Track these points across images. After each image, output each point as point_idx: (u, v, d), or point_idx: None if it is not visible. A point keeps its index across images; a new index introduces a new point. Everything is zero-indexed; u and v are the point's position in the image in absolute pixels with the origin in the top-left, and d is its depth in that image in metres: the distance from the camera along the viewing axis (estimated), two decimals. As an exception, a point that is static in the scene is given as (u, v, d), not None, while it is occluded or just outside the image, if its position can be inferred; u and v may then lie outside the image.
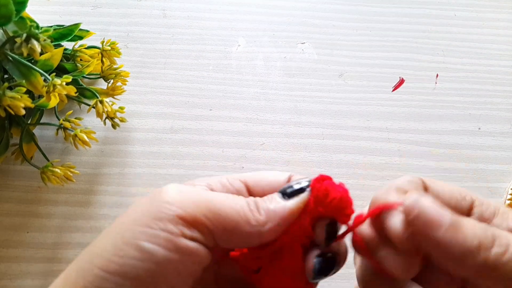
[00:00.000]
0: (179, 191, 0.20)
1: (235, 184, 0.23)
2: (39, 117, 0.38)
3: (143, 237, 0.19)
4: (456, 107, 0.44)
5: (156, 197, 0.20)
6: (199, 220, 0.19)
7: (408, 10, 0.49)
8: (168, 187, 0.21)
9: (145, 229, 0.19)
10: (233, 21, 0.47)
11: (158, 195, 0.20)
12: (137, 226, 0.19)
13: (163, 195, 0.20)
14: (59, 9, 0.46)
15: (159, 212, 0.19)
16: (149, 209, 0.20)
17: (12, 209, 0.37)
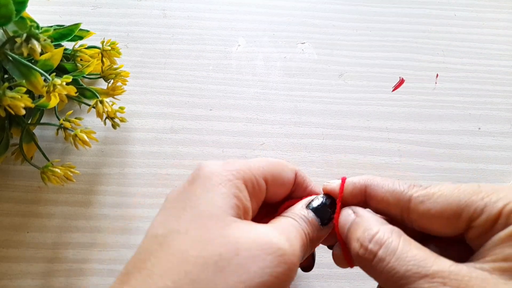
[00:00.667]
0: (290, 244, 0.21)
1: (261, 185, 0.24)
2: (39, 117, 0.38)
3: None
4: (456, 107, 0.44)
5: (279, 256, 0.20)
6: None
7: (408, 10, 0.49)
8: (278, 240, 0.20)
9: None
10: (233, 21, 0.47)
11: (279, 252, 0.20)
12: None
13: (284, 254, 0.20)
14: (59, 9, 0.46)
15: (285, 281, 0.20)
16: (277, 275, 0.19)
17: (12, 209, 0.37)
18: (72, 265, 0.35)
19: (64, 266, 0.35)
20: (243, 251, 0.19)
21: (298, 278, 0.36)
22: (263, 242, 0.20)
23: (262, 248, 0.19)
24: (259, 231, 0.20)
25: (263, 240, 0.20)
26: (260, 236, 0.20)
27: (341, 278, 0.36)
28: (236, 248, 0.19)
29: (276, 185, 0.24)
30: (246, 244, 0.19)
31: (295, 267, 0.20)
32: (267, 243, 0.20)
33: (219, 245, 0.19)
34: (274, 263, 0.19)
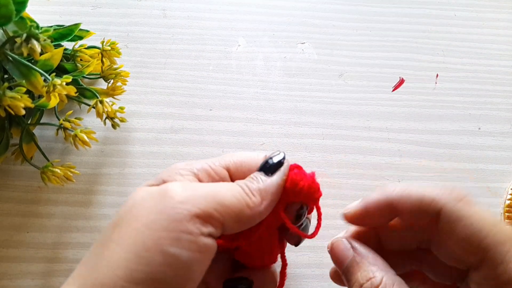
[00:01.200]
0: (185, 188, 0.20)
1: (219, 172, 0.24)
2: (39, 117, 0.38)
3: (167, 242, 0.18)
4: (456, 107, 0.44)
5: (165, 197, 0.20)
6: (212, 215, 0.20)
7: (408, 10, 0.49)
8: (174, 185, 0.21)
9: (166, 233, 0.19)
10: (233, 21, 0.47)
11: (166, 194, 0.20)
12: (156, 231, 0.19)
13: (173, 194, 0.20)
14: (59, 9, 0.46)
15: (175, 213, 0.19)
16: (162, 211, 0.19)
17: (12, 209, 0.37)
18: (72, 265, 0.35)
19: (64, 266, 0.35)
20: (137, 204, 0.20)
21: (298, 278, 0.36)
22: (155, 192, 0.21)
23: (152, 195, 0.20)
24: (159, 186, 0.21)
25: (156, 190, 0.21)
26: (156, 189, 0.21)
27: (341, 278, 0.36)
28: (132, 204, 0.21)
29: (242, 171, 0.24)
30: (141, 198, 0.21)
31: (190, 202, 0.20)
32: (158, 191, 0.21)
33: (121, 209, 0.21)
34: (159, 202, 0.20)
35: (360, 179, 0.40)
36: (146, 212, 0.20)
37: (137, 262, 0.18)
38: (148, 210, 0.20)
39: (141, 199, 0.21)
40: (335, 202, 0.38)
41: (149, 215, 0.19)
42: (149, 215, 0.19)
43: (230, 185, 0.22)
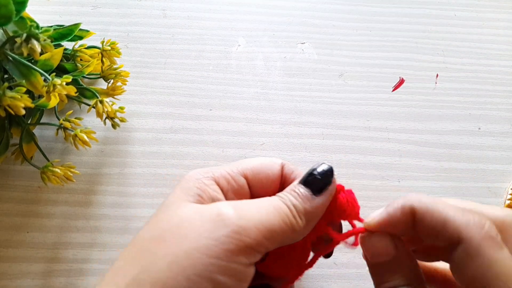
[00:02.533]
0: (238, 213, 0.20)
1: (237, 180, 0.24)
2: (39, 117, 0.38)
3: (217, 270, 0.18)
4: (456, 107, 0.44)
5: (221, 223, 0.20)
6: (263, 244, 0.20)
7: (408, 10, 0.49)
8: (226, 209, 0.20)
9: (218, 261, 0.19)
10: (233, 21, 0.47)
11: (221, 220, 0.20)
12: (209, 258, 0.19)
13: (227, 221, 0.20)
14: (59, 9, 0.46)
15: (229, 243, 0.19)
16: (217, 238, 0.19)
17: (12, 209, 0.37)
18: (72, 265, 0.35)
19: (64, 266, 0.35)
20: (185, 223, 0.20)
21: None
22: (206, 213, 0.20)
23: (203, 216, 0.20)
24: (209, 206, 0.21)
25: (206, 211, 0.21)
26: (206, 209, 0.21)
27: (341, 278, 0.36)
28: (180, 221, 0.20)
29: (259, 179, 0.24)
30: (189, 217, 0.20)
31: (243, 232, 0.19)
32: (209, 212, 0.20)
33: (165, 222, 0.21)
34: (212, 227, 0.19)
35: (360, 179, 0.40)
36: (197, 235, 0.19)
37: (186, 285, 0.18)
38: (199, 233, 0.19)
39: (191, 218, 0.20)
40: (335, 202, 0.38)
41: (201, 239, 0.19)
42: (201, 239, 0.19)
43: (276, 205, 0.21)
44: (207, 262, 0.18)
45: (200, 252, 0.19)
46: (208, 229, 0.19)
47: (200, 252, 0.19)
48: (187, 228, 0.20)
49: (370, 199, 0.39)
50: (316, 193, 0.22)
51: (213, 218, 0.20)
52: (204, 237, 0.19)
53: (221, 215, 0.20)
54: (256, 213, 0.20)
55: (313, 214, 0.22)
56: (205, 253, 0.19)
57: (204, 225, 0.20)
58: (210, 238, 0.19)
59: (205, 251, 0.19)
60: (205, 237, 0.19)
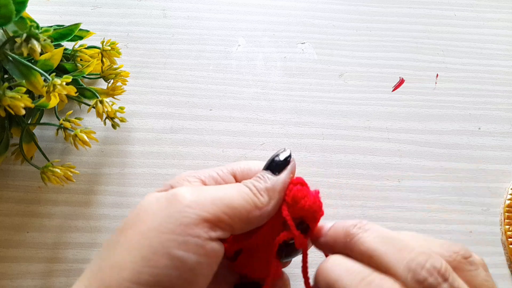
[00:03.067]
0: (194, 192, 0.20)
1: (226, 179, 0.24)
2: (39, 117, 0.38)
3: (174, 245, 0.18)
4: (456, 107, 0.44)
5: (173, 201, 0.20)
6: (221, 219, 0.20)
7: (408, 10, 0.49)
8: (182, 190, 0.21)
9: (173, 236, 0.19)
10: (233, 21, 0.47)
11: (174, 198, 0.20)
12: (164, 234, 0.19)
13: (180, 198, 0.20)
14: (59, 9, 0.46)
15: (182, 217, 0.19)
16: (171, 215, 0.19)
17: (12, 209, 0.37)
18: (72, 265, 0.35)
19: (64, 266, 0.35)
20: (144, 210, 0.20)
21: (299, 278, 0.36)
22: (162, 197, 0.21)
23: (159, 200, 0.20)
24: (167, 191, 0.21)
25: (163, 195, 0.21)
26: (164, 194, 0.21)
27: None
28: (141, 209, 0.21)
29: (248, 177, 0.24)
30: (149, 203, 0.21)
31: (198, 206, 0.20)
32: (165, 196, 0.21)
33: (129, 215, 0.21)
34: (166, 206, 0.20)
35: (360, 179, 0.40)
36: (153, 215, 0.20)
37: (144, 264, 0.18)
38: (155, 213, 0.20)
39: (149, 203, 0.21)
40: (335, 202, 0.38)
41: (156, 218, 0.19)
42: (156, 218, 0.19)
43: (237, 186, 0.22)
44: (162, 238, 0.19)
45: (155, 230, 0.19)
46: (162, 208, 0.20)
47: (155, 231, 0.19)
48: (144, 213, 0.20)
49: (370, 199, 0.39)
50: (276, 172, 0.23)
51: (168, 198, 0.20)
52: (159, 217, 0.19)
53: (176, 195, 0.20)
54: (214, 191, 0.21)
55: (275, 189, 0.22)
56: (159, 230, 0.19)
57: (159, 206, 0.20)
58: (164, 215, 0.19)
59: (159, 228, 0.19)
60: (159, 217, 0.19)
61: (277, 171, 0.23)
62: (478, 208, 0.39)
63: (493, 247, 0.38)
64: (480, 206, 0.39)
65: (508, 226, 0.38)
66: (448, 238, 0.38)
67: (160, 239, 0.19)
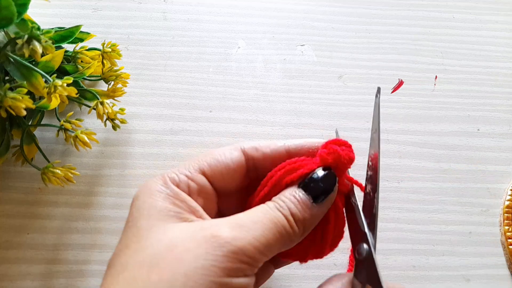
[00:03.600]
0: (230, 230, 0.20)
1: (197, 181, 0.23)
2: (40, 118, 0.38)
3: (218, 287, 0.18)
4: (455, 108, 0.44)
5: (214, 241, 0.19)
6: (260, 260, 0.20)
7: (406, 12, 0.49)
8: (215, 226, 0.20)
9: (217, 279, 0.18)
10: (233, 23, 0.47)
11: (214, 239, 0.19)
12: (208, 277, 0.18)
13: (220, 238, 0.19)
14: (60, 12, 0.46)
15: (226, 262, 0.19)
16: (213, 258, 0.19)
17: (13, 210, 0.37)
18: (72, 267, 0.35)
19: (64, 267, 0.35)
20: (178, 247, 0.19)
21: (299, 279, 0.36)
22: (198, 234, 0.20)
23: (196, 238, 0.19)
24: (199, 226, 0.20)
25: (199, 232, 0.20)
26: (197, 229, 0.20)
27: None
28: (171, 245, 0.19)
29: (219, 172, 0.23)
30: (181, 240, 0.19)
31: (240, 252, 0.19)
32: (202, 234, 0.19)
33: (154, 248, 0.19)
34: (208, 248, 0.19)
35: (359, 180, 0.40)
36: (194, 257, 0.18)
37: None
38: (196, 255, 0.19)
39: (183, 241, 0.19)
40: (334, 203, 0.38)
41: (198, 260, 0.18)
42: (199, 261, 0.18)
43: (274, 219, 0.20)
44: (207, 281, 0.18)
45: (199, 273, 0.18)
46: (204, 251, 0.19)
47: (199, 273, 0.18)
48: (181, 251, 0.19)
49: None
50: (317, 200, 0.21)
51: (208, 239, 0.19)
52: (202, 259, 0.18)
53: (216, 236, 0.19)
54: (252, 230, 0.20)
55: (310, 222, 0.21)
56: (204, 273, 0.18)
57: (200, 247, 0.19)
58: (208, 259, 0.18)
59: (204, 271, 0.18)
60: (203, 259, 0.18)
61: (317, 198, 0.21)
62: (477, 209, 0.39)
63: (493, 248, 0.38)
64: (480, 207, 0.39)
65: (507, 227, 0.38)
66: (448, 239, 0.38)
67: (205, 282, 0.18)
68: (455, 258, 0.37)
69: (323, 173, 0.22)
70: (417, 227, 0.38)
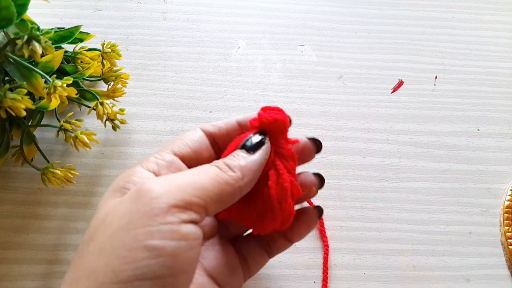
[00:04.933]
0: (160, 183, 0.20)
1: (165, 157, 0.24)
2: (39, 119, 0.38)
3: (147, 237, 0.18)
4: (455, 108, 0.44)
5: (140, 197, 0.19)
6: (191, 202, 0.19)
7: (406, 12, 0.49)
8: (145, 185, 0.20)
9: (145, 229, 0.18)
10: (233, 23, 0.47)
11: (140, 195, 0.19)
12: (135, 230, 0.18)
13: (145, 193, 0.19)
14: (59, 12, 0.46)
15: (151, 209, 0.19)
16: (138, 210, 0.19)
17: (13, 211, 0.37)
18: (72, 267, 0.35)
19: (64, 267, 0.35)
20: (110, 214, 0.20)
21: (298, 279, 0.36)
22: (126, 197, 0.20)
23: (124, 201, 0.20)
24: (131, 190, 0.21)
25: (127, 195, 0.20)
26: (128, 194, 0.21)
27: (341, 279, 0.36)
28: (105, 215, 0.20)
29: (186, 151, 0.25)
30: (113, 208, 0.20)
31: (164, 195, 0.19)
32: (129, 194, 0.20)
33: (94, 223, 0.21)
34: (132, 203, 0.19)
35: (359, 180, 0.40)
36: (121, 216, 0.19)
37: (120, 263, 0.17)
38: (122, 213, 0.19)
39: (114, 206, 0.20)
40: (334, 204, 0.38)
41: (124, 217, 0.19)
42: (124, 217, 0.19)
43: (205, 168, 0.22)
44: (134, 233, 0.18)
45: (125, 229, 0.18)
46: (128, 208, 0.19)
47: (125, 229, 0.18)
48: (111, 216, 0.19)
49: (369, 201, 0.39)
50: (251, 152, 0.23)
51: (132, 197, 0.20)
52: (126, 216, 0.19)
53: (141, 190, 0.20)
54: (180, 178, 0.20)
55: (249, 168, 0.22)
56: (130, 228, 0.18)
57: (125, 207, 0.19)
58: (132, 213, 0.19)
59: (129, 226, 0.18)
60: (127, 215, 0.19)
61: (252, 151, 0.23)
62: (477, 209, 0.39)
63: (493, 248, 0.38)
64: (480, 207, 0.39)
65: (507, 227, 0.38)
66: (448, 239, 0.38)
67: (132, 235, 0.18)
68: (455, 258, 0.37)
69: (256, 135, 0.25)
70: (417, 227, 0.38)
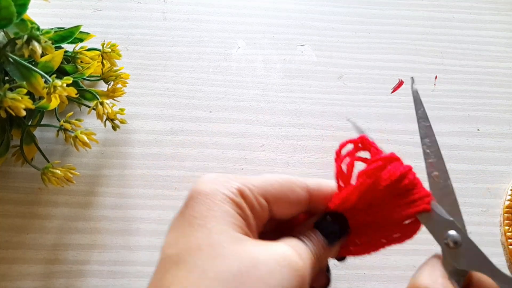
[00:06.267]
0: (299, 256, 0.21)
1: (261, 203, 0.23)
2: (39, 118, 0.38)
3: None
4: (455, 108, 0.44)
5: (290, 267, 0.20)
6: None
7: (406, 12, 0.49)
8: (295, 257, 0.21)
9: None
10: (233, 23, 0.47)
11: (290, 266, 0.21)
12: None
13: (293, 264, 0.21)
14: (59, 12, 0.46)
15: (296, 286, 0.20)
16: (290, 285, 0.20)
17: (13, 211, 0.37)
18: (72, 267, 0.35)
19: (64, 267, 0.35)
20: (261, 266, 0.20)
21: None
22: (279, 257, 0.21)
23: (279, 262, 0.20)
24: (273, 247, 0.21)
25: (279, 255, 0.21)
26: (276, 251, 0.21)
27: (341, 279, 0.36)
28: (254, 262, 0.20)
29: (280, 204, 0.24)
30: (263, 259, 0.20)
31: (306, 283, 0.21)
32: (283, 258, 0.21)
33: (236, 260, 0.20)
34: (290, 277, 0.20)
35: (359, 180, 0.40)
36: (278, 279, 0.20)
37: None
38: (278, 277, 0.20)
39: (265, 261, 0.20)
40: (334, 203, 0.38)
41: (282, 283, 0.20)
42: (282, 283, 0.20)
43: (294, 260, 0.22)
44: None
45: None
46: (286, 278, 0.20)
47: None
48: (265, 273, 0.20)
49: (369, 200, 0.39)
50: (330, 244, 0.24)
51: (290, 266, 0.20)
52: (285, 282, 0.20)
53: (296, 264, 0.21)
54: (306, 263, 0.22)
55: (324, 261, 0.24)
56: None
57: (283, 273, 0.20)
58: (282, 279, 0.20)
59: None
60: (286, 283, 0.20)
61: (332, 241, 0.24)
62: (477, 209, 0.39)
63: (493, 248, 0.38)
64: (480, 207, 0.39)
65: (507, 227, 0.38)
66: (448, 239, 0.38)
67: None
68: (455, 258, 0.37)
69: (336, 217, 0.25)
70: (417, 227, 0.38)
